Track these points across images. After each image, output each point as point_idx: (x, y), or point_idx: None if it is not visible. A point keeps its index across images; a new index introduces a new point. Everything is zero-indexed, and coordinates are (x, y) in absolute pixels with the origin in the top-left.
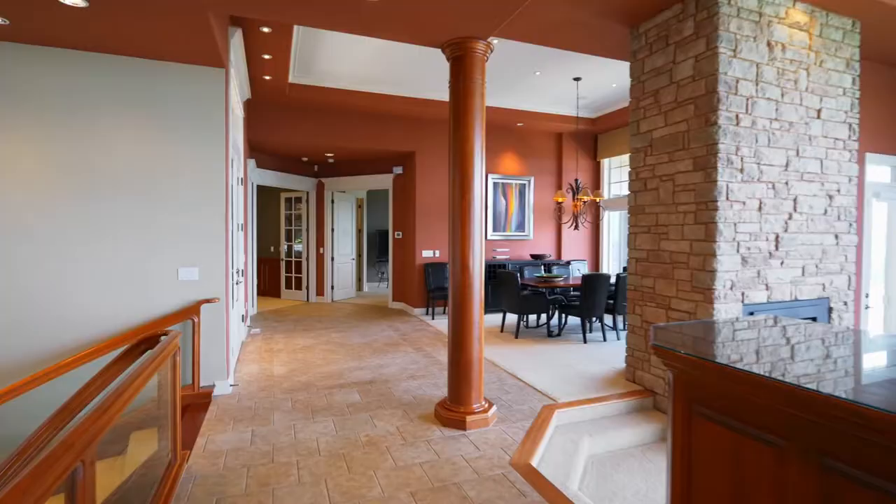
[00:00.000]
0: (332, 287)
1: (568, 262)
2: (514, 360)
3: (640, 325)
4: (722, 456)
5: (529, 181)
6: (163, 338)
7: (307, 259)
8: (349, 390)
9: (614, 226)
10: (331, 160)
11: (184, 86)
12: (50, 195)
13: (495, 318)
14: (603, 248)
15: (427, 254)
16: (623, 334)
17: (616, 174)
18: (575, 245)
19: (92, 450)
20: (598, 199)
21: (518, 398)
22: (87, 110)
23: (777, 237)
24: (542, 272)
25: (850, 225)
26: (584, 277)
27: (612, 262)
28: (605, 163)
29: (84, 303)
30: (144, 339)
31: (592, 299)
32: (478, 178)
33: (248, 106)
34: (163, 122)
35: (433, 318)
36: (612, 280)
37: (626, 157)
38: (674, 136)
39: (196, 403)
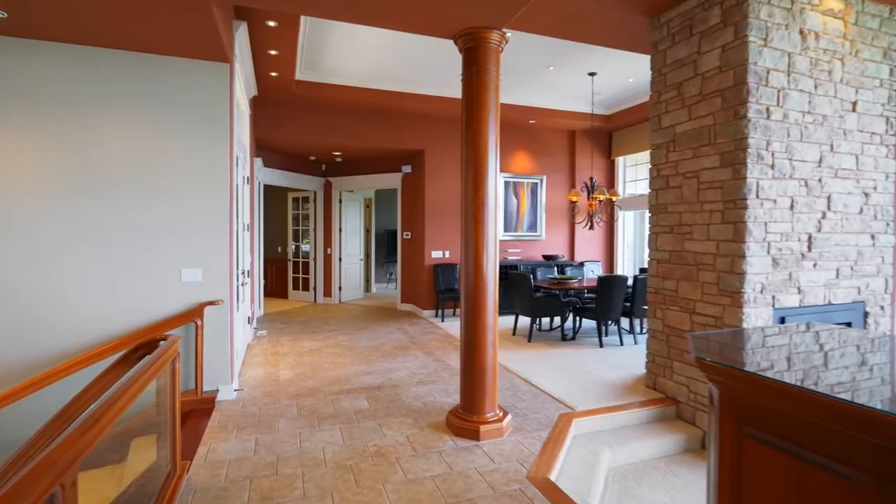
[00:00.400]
0: (340, 288)
1: (581, 264)
2: (528, 365)
3: (662, 329)
4: (782, 486)
5: (541, 180)
6: (161, 343)
7: (314, 259)
8: (357, 396)
9: (629, 226)
10: (338, 159)
11: (187, 81)
12: (47, 193)
13: (507, 321)
14: (617, 248)
15: (437, 254)
16: (641, 338)
17: (631, 172)
18: (588, 245)
19: (73, 471)
20: (613, 198)
21: (533, 406)
22: (85, 106)
23: (810, 237)
24: (556, 273)
25: (888, 224)
26: (601, 279)
27: (627, 264)
28: (620, 161)
29: (82, 305)
30: (143, 344)
31: (609, 302)
32: (492, 174)
33: (255, 103)
34: (165, 119)
35: (443, 321)
36: (630, 282)
37: (641, 156)
38: (698, 131)
39: (199, 409)
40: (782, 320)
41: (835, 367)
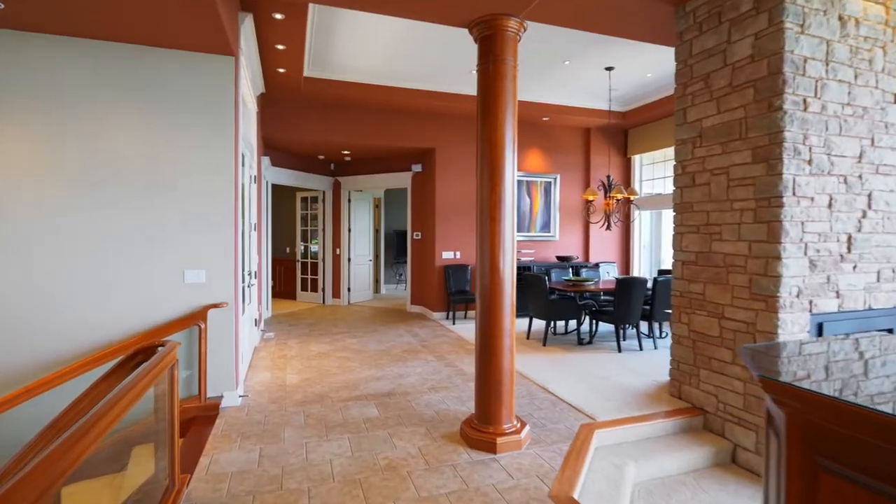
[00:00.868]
0: (349, 289)
1: (596, 265)
2: (544, 371)
3: (688, 335)
4: None
5: (555, 179)
6: (160, 349)
7: (323, 260)
8: (366, 403)
9: (645, 226)
10: (347, 158)
11: (190, 75)
12: (44, 192)
13: (521, 324)
14: (634, 249)
15: (447, 255)
16: (661, 343)
17: (648, 171)
18: (603, 246)
19: (45, 501)
20: (631, 197)
21: (552, 415)
22: (84, 101)
23: (849, 238)
24: (570, 275)
25: None
26: (619, 281)
27: (644, 265)
28: (636, 159)
29: (81, 308)
30: (141, 350)
31: (628, 305)
32: (509, 170)
33: (262, 101)
34: (167, 114)
35: (454, 323)
36: (649, 284)
37: (658, 154)
38: (728, 125)
39: (202, 416)
40: (820, 326)
41: None
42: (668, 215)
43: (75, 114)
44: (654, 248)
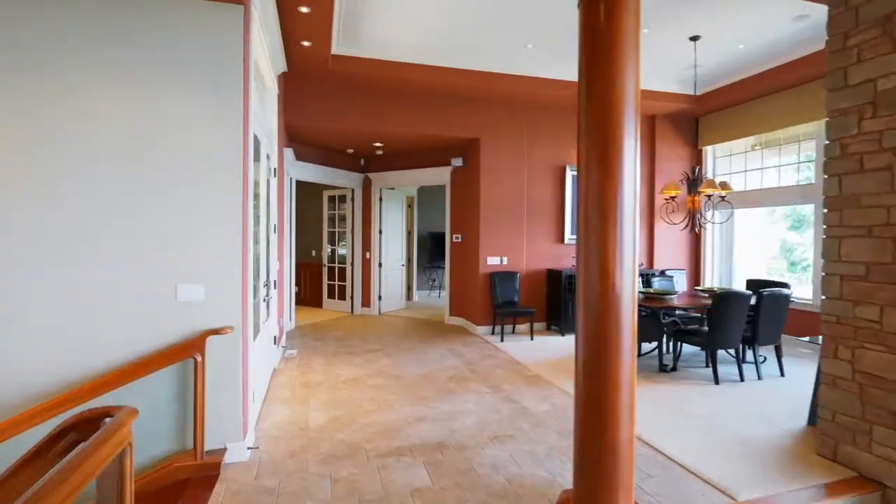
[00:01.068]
0: (380, 297)
1: (662, 272)
2: (637, 411)
3: (850, 376)
4: None
5: None
6: (106, 421)
7: (352, 265)
8: (411, 461)
9: (716, 227)
10: (379, 151)
11: (184, 32)
12: None
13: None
14: (705, 255)
15: (493, 261)
16: (766, 370)
17: (723, 164)
18: (671, 251)
19: None
20: (724, 193)
21: (669, 488)
22: (48, 61)
23: None
24: (640, 285)
25: None
26: (718, 297)
27: (716, 273)
28: (708, 151)
29: (39, 334)
30: (75, 424)
31: (726, 325)
32: (630, 147)
33: (284, 82)
34: (155, 80)
35: (502, 340)
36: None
37: (736, 144)
38: None
39: (197, 478)
40: None
41: None
42: (745, 215)
43: (32, 76)
44: (724, 252)
